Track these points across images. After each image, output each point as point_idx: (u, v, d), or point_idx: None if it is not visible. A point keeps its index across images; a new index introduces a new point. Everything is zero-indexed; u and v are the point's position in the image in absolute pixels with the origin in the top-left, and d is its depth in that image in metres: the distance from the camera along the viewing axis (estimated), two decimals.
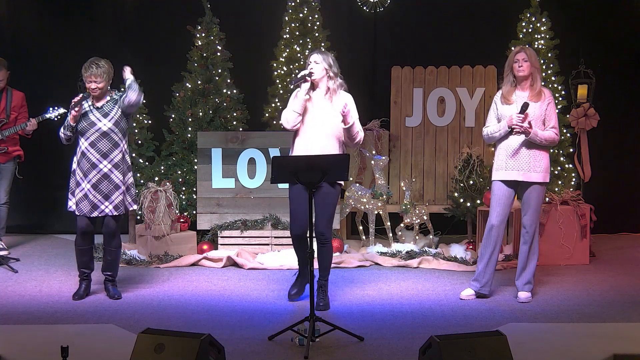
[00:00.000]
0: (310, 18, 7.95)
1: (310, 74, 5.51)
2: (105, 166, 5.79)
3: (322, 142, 5.52)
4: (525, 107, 5.64)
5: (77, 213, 5.84)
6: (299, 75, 5.53)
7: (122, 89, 6.03)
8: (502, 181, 5.79)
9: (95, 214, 5.80)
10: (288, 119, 5.54)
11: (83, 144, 5.79)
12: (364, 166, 7.99)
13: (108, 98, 5.87)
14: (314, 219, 5.38)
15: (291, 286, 5.78)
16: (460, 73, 8.11)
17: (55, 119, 6.73)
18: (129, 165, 6.00)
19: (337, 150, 5.57)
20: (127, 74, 5.88)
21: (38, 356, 4.61)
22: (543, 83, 6.49)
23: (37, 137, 7.39)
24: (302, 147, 5.55)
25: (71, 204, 5.88)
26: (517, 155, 5.72)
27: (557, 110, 5.99)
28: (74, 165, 5.87)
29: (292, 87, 5.52)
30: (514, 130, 5.68)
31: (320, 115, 5.55)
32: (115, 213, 5.84)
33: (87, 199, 5.79)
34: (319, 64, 5.55)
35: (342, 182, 5.67)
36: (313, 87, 5.58)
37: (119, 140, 5.85)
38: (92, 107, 5.82)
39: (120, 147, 5.86)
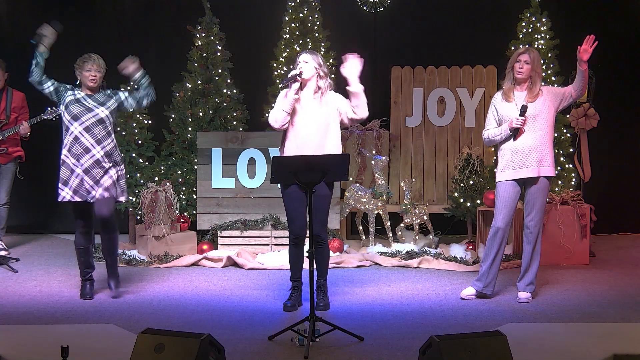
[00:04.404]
0: (310, 18, 7.96)
1: (300, 74, 5.49)
2: (98, 152, 5.78)
3: (313, 142, 5.49)
4: (524, 109, 5.62)
5: (76, 199, 5.74)
6: (289, 75, 5.50)
7: (124, 87, 6.03)
8: (511, 181, 5.74)
9: (89, 199, 5.77)
10: (277, 118, 5.50)
11: (76, 128, 5.74)
12: (364, 166, 7.99)
13: (101, 92, 5.92)
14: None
15: (287, 299, 5.75)
16: (460, 73, 8.11)
17: (53, 119, 6.72)
18: (121, 157, 6.02)
19: (329, 150, 5.55)
20: (135, 70, 5.91)
21: (38, 356, 4.60)
22: (543, 83, 6.49)
23: (38, 137, 7.39)
24: (293, 149, 5.52)
25: (64, 194, 5.77)
26: (524, 153, 5.68)
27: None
28: (64, 154, 5.80)
29: (281, 87, 5.49)
30: (517, 134, 5.66)
31: (311, 115, 5.52)
32: (106, 195, 5.78)
33: (82, 185, 5.76)
34: (308, 63, 5.52)
35: (332, 183, 5.65)
36: (302, 87, 5.53)
37: (111, 130, 5.90)
38: (86, 96, 5.85)
39: (112, 137, 5.90)
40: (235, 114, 7.95)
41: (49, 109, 6.68)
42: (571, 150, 7.71)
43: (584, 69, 5.61)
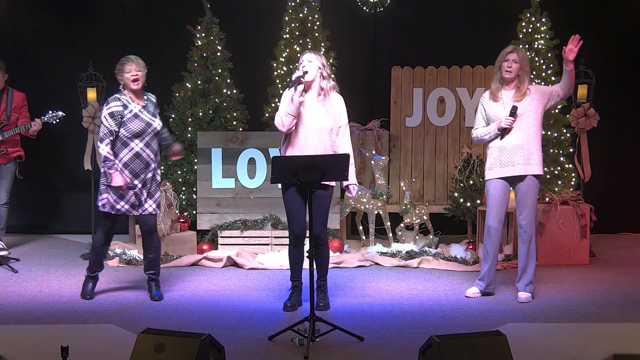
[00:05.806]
0: (310, 18, 7.96)
1: (304, 74, 5.46)
2: (154, 166, 5.83)
3: (315, 144, 5.48)
4: (514, 110, 5.63)
5: (131, 213, 5.82)
6: (293, 78, 5.46)
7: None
8: (498, 179, 5.76)
9: (139, 211, 5.81)
10: (284, 122, 5.46)
11: (137, 145, 5.71)
12: (364, 166, 7.99)
13: (145, 97, 5.86)
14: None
15: (287, 299, 5.75)
16: (460, 73, 8.11)
17: (54, 122, 6.73)
18: None
19: (331, 152, 5.54)
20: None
21: (38, 356, 4.61)
22: (543, 83, 6.49)
23: (38, 137, 7.39)
24: (295, 151, 5.51)
25: (119, 207, 5.72)
26: (511, 152, 5.69)
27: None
28: (119, 167, 5.69)
29: (287, 89, 5.47)
30: (504, 133, 5.68)
31: (313, 117, 5.50)
32: (158, 211, 5.93)
33: (137, 198, 5.76)
34: (312, 62, 5.50)
35: (333, 184, 5.65)
36: (306, 89, 5.50)
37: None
38: (142, 108, 5.76)
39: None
40: (235, 114, 7.94)
41: (50, 111, 6.69)
42: (571, 150, 7.70)
43: (569, 69, 5.64)
